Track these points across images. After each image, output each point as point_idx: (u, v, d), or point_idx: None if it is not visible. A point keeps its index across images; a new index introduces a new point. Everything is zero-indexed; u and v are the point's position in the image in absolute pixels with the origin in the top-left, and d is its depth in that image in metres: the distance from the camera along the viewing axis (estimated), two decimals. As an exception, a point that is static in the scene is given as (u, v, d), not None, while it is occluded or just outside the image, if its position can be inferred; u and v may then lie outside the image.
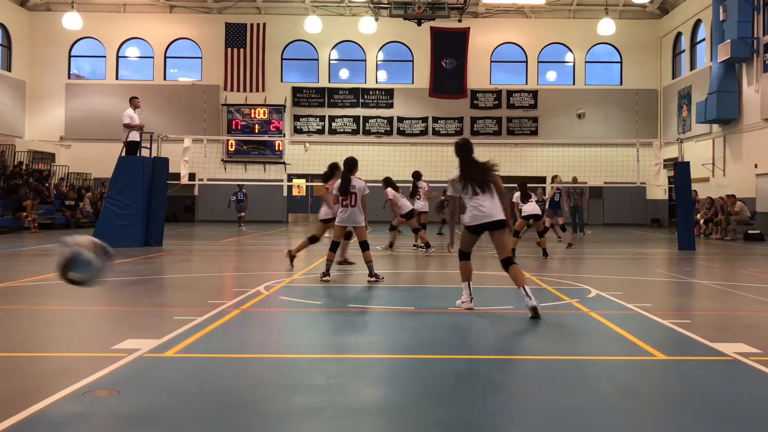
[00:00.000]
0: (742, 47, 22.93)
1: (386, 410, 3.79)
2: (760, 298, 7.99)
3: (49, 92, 31.08)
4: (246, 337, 5.74)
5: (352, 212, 9.26)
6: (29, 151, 28.15)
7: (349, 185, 9.27)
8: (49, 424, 3.44)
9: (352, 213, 9.26)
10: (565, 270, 11.14)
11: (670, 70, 30.87)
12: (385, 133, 31.48)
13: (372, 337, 5.85)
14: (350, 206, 9.25)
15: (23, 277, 9.33)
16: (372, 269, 9.19)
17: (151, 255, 13.08)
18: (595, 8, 30.81)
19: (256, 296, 7.76)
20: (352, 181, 9.30)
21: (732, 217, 20.52)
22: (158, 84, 31.46)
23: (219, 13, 31.56)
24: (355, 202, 9.24)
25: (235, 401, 3.83)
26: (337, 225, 9.40)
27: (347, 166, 9.41)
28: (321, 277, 9.21)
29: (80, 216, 24.96)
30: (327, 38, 31.52)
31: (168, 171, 16.06)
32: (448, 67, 31.41)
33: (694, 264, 12.82)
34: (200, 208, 31.30)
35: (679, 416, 3.73)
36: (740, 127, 24.14)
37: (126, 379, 4.23)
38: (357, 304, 7.60)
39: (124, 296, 7.97)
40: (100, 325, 6.36)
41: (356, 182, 9.32)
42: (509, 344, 5.53)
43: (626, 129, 31.20)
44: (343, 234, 9.52)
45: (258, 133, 30.95)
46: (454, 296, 8.44)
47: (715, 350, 5.15)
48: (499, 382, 4.41)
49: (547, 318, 6.80)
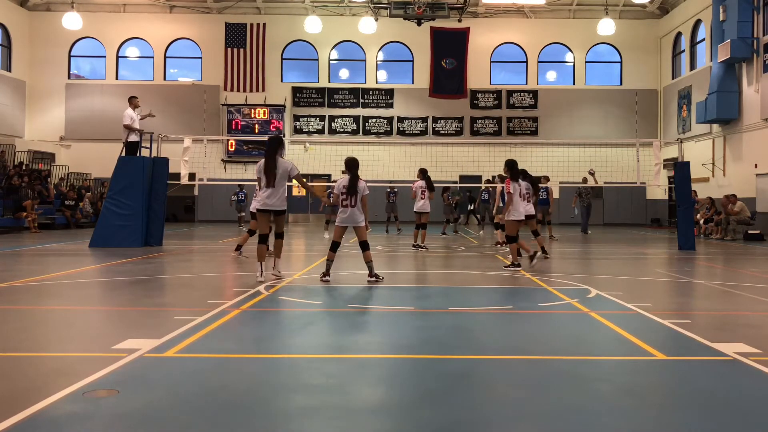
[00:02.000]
0: (742, 47, 22.93)
1: (386, 410, 3.79)
2: (760, 298, 7.98)
3: (49, 92, 31.09)
4: (246, 337, 5.74)
5: (352, 212, 9.23)
6: (29, 151, 28.16)
7: (356, 185, 9.25)
8: (49, 424, 3.44)
9: (352, 213, 9.23)
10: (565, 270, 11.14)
11: (670, 70, 30.88)
12: (385, 133, 31.49)
13: (372, 337, 5.85)
14: (350, 206, 9.22)
15: (23, 277, 9.33)
16: (372, 269, 9.18)
17: (151, 255, 13.08)
18: (595, 8, 30.82)
19: (256, 296, 7.76)
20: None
21: (732, 217, 20.52)
22: (158, 84, 31.46)
23: (219, 13, 31.57)
24: (355, 202, 9.22)
25: (235, 401, 3.83)
26: (338, 225, 9.37)
27: (353, 166, 9.37)
28: (321, 277, 9.20)
29: (80, 216, 24.96)
30: (327, 38, 31.52)
31: (168, 171, 16.06)
32: (448, 67, 31.41)
33: (694, 264, 12.82)
34: (200, 208, 31.30)
35: (679, 416, 3.73)
36: (740, 127, 24.14)
37: (126, 379, 4.23)
38: (357, 304, 7.60)
39: (124, 296, 7.97)
40: (100, 325, 6.36)
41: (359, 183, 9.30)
42: (509, 344, 5.53)
43: (626, 129, 31.22)
44: (343, 234, 9.47)
45: (258, 133, 30.95)
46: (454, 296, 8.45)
47: (715, 350, 5.15)
48: (499, 382, 4.41)
49: (547, 318, 6.81)
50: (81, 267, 11.08)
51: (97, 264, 11.52)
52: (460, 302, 7.78)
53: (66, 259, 12.79)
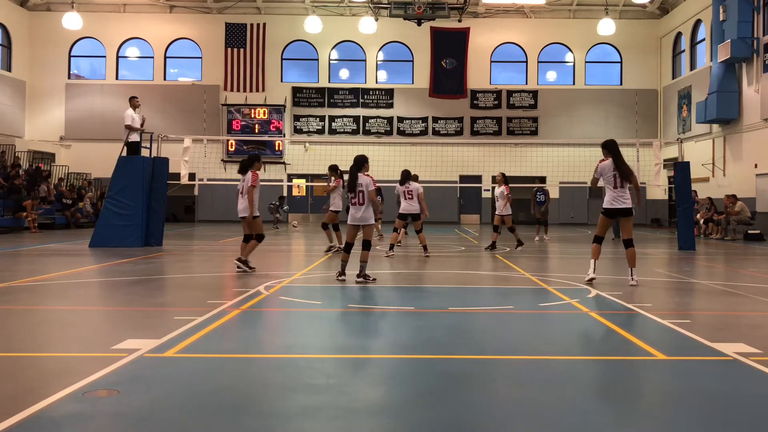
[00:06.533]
0: (742, 47, 22.93)
1: (386, 410, 3.79)
2: (760, 298, 7.99)
3: (49, 92, 31.09)
4: (246, 337, 5.75)
5: (361, 210, 9.25)
6: (29, 151, 28.16)
7: (356, 182, 9.26)
8: (50, 424, 3.44)
9: (362, 211, 9.24)
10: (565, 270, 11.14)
11: (670, 70, 30.88)
12: (385, 133, 31.48)
13: (372, 337, 5.85)
14: (359, 204, 9.25)
15: (23, 277, 9.32)
16: (363, 269, 9.13)
17: (151, 255, 13.08)
18: (595, 8, 30.82)
19: (256, 296, 7.76)
20: (359, 179, 9.29)
21: (732, 217, 20.52)
22: (158, 84, 31.47)
23: (219, 13, 31.56)
24: (363, 199, 9.24)
25: (235, 401, 3.83)
26: (350, 224, 9.38)
27: (355, 162, 9.40)
28: (336, 276, 9.25)
29: (80, 216, 24.96)
30: (327, 38, 31.52)
31: (168, 171, 16.06)
32: (448, 67, 31.41)
33: (694, 264, 12.82)
34: (200, 208, 31.30)
35: (679, 416, 3.73)
36: (740, 127, 24.14)
37: (126, 379, 4.23)
38: (357, 304, 7.60)
39: (124, 296, 7.97)
40: (100, 325, 6.36)
41: (362, 179, 9.30)
42: (509, 344, 5.53)
43: (626, 129, 31.21)
44: (356, 234, 9.44)
45: (258, 133, 30.96)
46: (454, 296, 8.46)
47: (715, 350, 5.15)
48: (499, 382, 4.41)
49: (547, 318, 6.81)
50: (81, 267, 11.08)
51: (97, 264, 11.52)
52: (460, 302, 7.78)
53: (66, 259, 12.79)
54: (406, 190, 13.93)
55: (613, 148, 9.09)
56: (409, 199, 13.92)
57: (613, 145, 9.13)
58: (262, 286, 8.51)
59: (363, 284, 8.87)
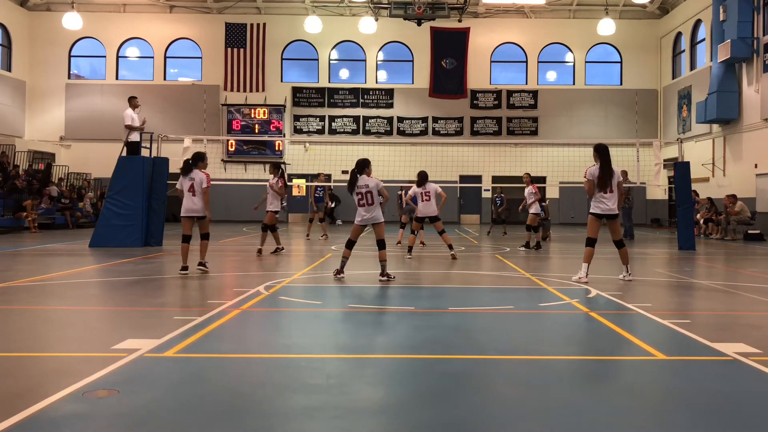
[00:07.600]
0: (742, 47, 22.93)
1: (386, 410, 3.79)
2: (760, 298, 7.99)
3: (49, 92, 31.10)
4: (246, 337, 5.75)
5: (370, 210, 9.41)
6: (29, 151, 28.16)
7: (354, 184, 9.39)
8: (49, 424, 3.44)
9: (370, 211, 9.40)
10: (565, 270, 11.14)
11: (670, 70, 30.88)
12: (385, 133, 31.49)
13: (372, 337, 5.85)
14: (367, 205, 9.40)
15: (23, 277, 9.33)
16: (384, 269, 9.29)
17: (151, 255, 13.08)
18: (595, 8, 30.82)
19: (256, 296, 7.76)
20: (360, 180, 9.42)
21: (732, 217, 20.52)
22: (158, 84, 31.47)
23: (219, 13, 31.57)
24: (372, 200, 9.40)
25: (235, 401, 3.83)
26: (356, 224, 9.54)
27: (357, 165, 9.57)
28: (335, 274, 9.32)
29: (80, 216, 24.96)
30: (327, 38, 31.53)
31: (168, 171, 16.06)
32: (448, 67, 31.41)
33: (694, 264, 12.82)
34: (200, 208, 31.23)
35: (679, 416, 3.73)
36: (740, 127, 24.15)
37: (126, 379, 4.23)
38: (357, 304, 7.60)
39: (124, 296, 7.97)
40: (100, 325, 6.36)
41: (368, 181, 9.45)
42: (509, 344, 5.53)
43: (626, 129, 31.22)
44: (360, 233, 9.64)
45: (258, 133, 30.96)
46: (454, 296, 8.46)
47: (715, 350, 5.15)
48: (499, 382, 4.41)
49: (547, 318, 6.81)
50: (81, 267, 11.08)
51: (97, 264, 11.52)
52: (460, 302, 7.78)
53: (66, 259, 12.79)
54: (424, 191, 13.39)
55: (604, 153, 9.33)
56: (426, 201, 13.33)
57: (604, 151, 9.36)
58: (262, 286, 8.51)
59: (386, 283, 8.96)
